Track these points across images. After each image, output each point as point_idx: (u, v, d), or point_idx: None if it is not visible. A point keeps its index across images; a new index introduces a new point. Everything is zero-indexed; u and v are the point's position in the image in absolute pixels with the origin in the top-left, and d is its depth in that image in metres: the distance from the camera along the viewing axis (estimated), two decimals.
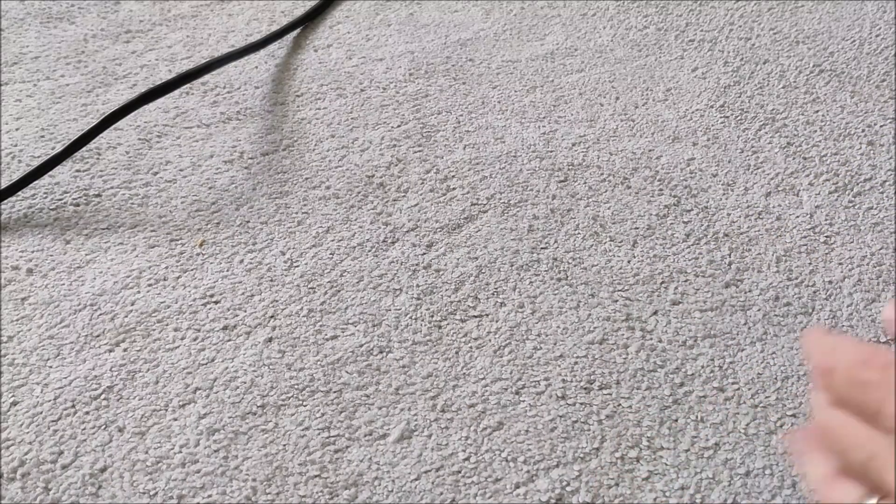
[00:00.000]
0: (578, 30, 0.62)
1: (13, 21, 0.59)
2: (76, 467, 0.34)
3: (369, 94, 0.55)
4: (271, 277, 0.42)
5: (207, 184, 0.48)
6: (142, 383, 0.37)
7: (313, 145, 0.51)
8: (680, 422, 0.37)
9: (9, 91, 0.53)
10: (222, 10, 0.62)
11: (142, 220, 0.45)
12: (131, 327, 0.40)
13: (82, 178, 0.48)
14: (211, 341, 0.39)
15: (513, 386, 0.38)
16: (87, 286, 0.42)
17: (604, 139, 0.52)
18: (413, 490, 0.34)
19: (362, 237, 0.45)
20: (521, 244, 0.45)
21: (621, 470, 0.35)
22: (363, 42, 0.60)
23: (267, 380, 0.38)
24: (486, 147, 0.51)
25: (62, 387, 0.37)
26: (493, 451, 0.36)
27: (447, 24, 0.62)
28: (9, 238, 0.44)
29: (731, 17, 0.63)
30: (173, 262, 0.43)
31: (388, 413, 0.37)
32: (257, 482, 0.34)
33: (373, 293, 0.42)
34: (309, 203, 0.47)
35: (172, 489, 0.34)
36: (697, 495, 0.34)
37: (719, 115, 0.54)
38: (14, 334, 0.39)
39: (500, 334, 0.40)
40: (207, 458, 0.35)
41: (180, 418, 0.36)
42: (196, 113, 0.53)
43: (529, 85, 0.56)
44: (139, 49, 0.58)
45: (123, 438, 0.35)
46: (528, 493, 0.34)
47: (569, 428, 0.36)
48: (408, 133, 0.52)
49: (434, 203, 0.47)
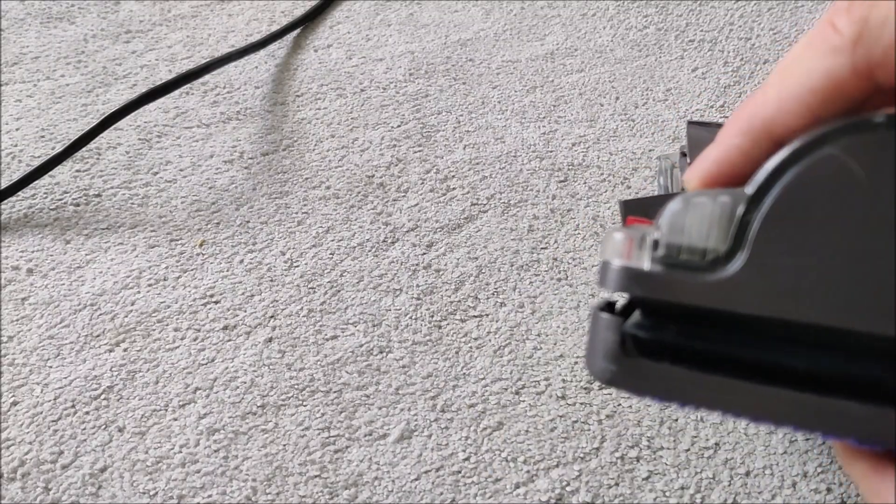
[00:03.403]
0: (578, 30, 0.62)
1: (13, 21, 0.59)
2: (76, 467, 0.34)
3: (369, 94, 0.55)
4: (271, 277, 0.42)
5: (207, 184, 0.48)
6: (142, 383, 0.37)
7: (313, 145, 0.51)
8: (680, 422, 0.37)
9: (9, 91, 0.53)
10: (222, 10, 0.62)
11: (142, 220, 0.45)
12: (131, 327, 0.40)
13: (82, 178, 0.48)
14: (211, 341, 0.39)
15: (513, 386, 0.38)
16: (87, 286, 0.42)
17: (604, 139, 0.52)
18: (413, 490, 0.34)
19: (362, 237, 0.45)
20: (521, 244, 0.45)
21: (621, 470, 0.35)
22: (363, 42, 0.60)
23: (267, 380, 0.38)
24: (486, 147, 0.51)
25: (62, 387, 0.37)
26: (493, 451, 0.36)
27: (447, 24, 0.62)
28: (9, 238, 0.44)
29: (731, 17, 0.63)
30: (173, 262, 0.43)
31: (388, 413, 0.37)
32: (257, 482, 0.34)
33: (373, 293, 0.42)
34: (309, 203, 0.47)
35: (172, 489, 0.34)
36: (697, 495, 0.34)
37: (719, 115, 0.54)
38: (14, 334, 0.39)
39: (500, 334, 0.40)
40: (207, 458, 0.35)
41: (180, 418, 0.36)
42: (196, 113, 0.53)
43: (529, 85, 0.56)
44: (139, 49, 0.58)
45: (123, 438, 0.35)
46: (528, 493, 0.34)
47: (569, 428, 0.36)
48: (408, 133, 0.52)
49: (434, 203, 0.47)
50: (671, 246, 0.18)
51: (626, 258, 0.19)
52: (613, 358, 0.19)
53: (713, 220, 0.18)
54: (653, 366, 0.19)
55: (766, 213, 0.18)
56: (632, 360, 0.19)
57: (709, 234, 0.18)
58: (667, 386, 0.18)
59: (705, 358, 0.18)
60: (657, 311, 0.19)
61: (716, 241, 0.18)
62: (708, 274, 0.18)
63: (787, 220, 0.17)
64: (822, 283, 0.17)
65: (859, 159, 0.17)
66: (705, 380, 0.18)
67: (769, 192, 0.18)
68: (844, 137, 0.17)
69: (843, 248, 0.17)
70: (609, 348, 0.19)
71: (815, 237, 0.17)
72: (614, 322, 0.19)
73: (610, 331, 0.19)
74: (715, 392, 0.18)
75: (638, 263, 0.19)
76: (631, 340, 0.19)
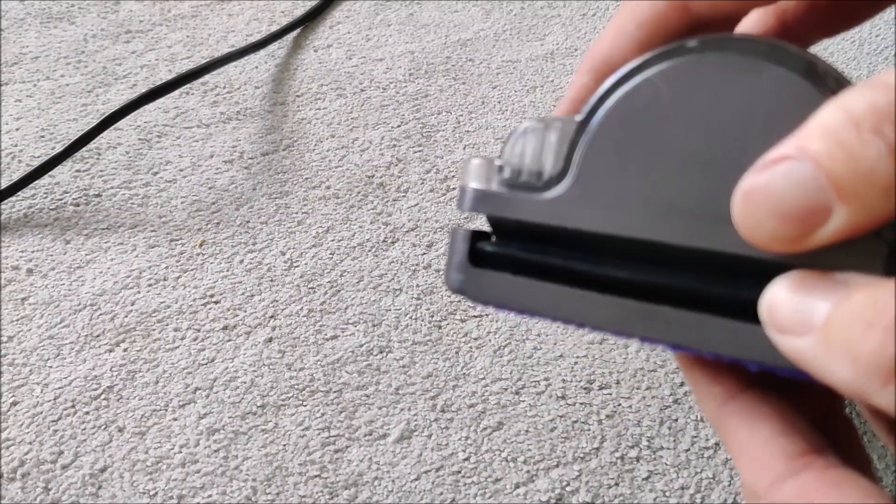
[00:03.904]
0: (578, 30, 0.62)
1: (13, 21, 0.59)
2: (76, 467, 0.34)
3: (369, 94, 0.55)
4: (271, 277, 0.42)
5: (207, 184, 0.48)
6: (142, 383, 0.37)
7: (313, 145, 0.51)
8: (680, 422, 0.37)
9: (9, 91, 0.53)
10: (222, 10, 0.62)
11: (142, 220, 0.45)
12: (131, 327, 0.40)
13: (82, 178, 0.48)
14: (211, 341, 0.39)
15: (513, 386, 0.38)
16: (87, 286, 0.42)
17: None
18: (413, 490, 0.34)
19: (362, 237, 0.45)
20: None
21: (621, 470, 0.35)
22: (363, 42, 0.60)
23: (267, 380, 0.38)
24: (486, 147, 0.51)
25: (62, 387, 0.37)
26: (493, 451, 0.36)
27: (447, 24, 0.62)
28: (9, 238, 0.44)
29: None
30: (173, 262, 0.43)
31: (388, 413, 0.37)
32: (257, 482, 0.34)
33: (373, 293, 0.42)
34: (309, 203, 0.47)
35: (172, 489, 0.34)
36: (697, 495, 0.34)
37: None
38: (14, 334, 0.39)
39: (500, 334, 0.40)
40: (207, 458, 0.35)
41: (180, 418, 0.36)
42: (196, 113, 0.53)
43: (529, 85, 0.56)
44: (139, 49, 0.58)
45: (123, 438, 0.35)
46: (528, 493, 0.34)
47: (569, 428, 0.36)
48: (408, 133, 0.52)
49: (434, 203, 0.47)
50: (513, 169, 0.21)
51: (479, 182, 0.21)
52: (462, 268, 0.21)
53: (546, 144, 0.20)
54: (496, 275, 0.21)
55: (591, 136, 0.19)
56: (477, 270, 0.21)
57: (543, 157, 0.20)
58: (506, 294, 0.21)
59: (544, 269, 0.20)
60: (507, 232, 0.21)
61: (550, 163, 0.20)
62: (543, 193, 0.20)
63: (609, 142, 0.19)
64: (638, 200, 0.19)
65: (671, 82, 0.19)
66: (542, 287, 0.20)
67: (594, 117, 0.19)
68: (660, 63, 0.19)
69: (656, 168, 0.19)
70: (459, 260, 0.21)
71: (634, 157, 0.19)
72: (467, 235, 0.21)
73: (462, 243, 0.21)
74: (549, 299, 0.20)
75: (487, 186, 0.21)
76: (480, 255, 0.21)
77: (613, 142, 0.19)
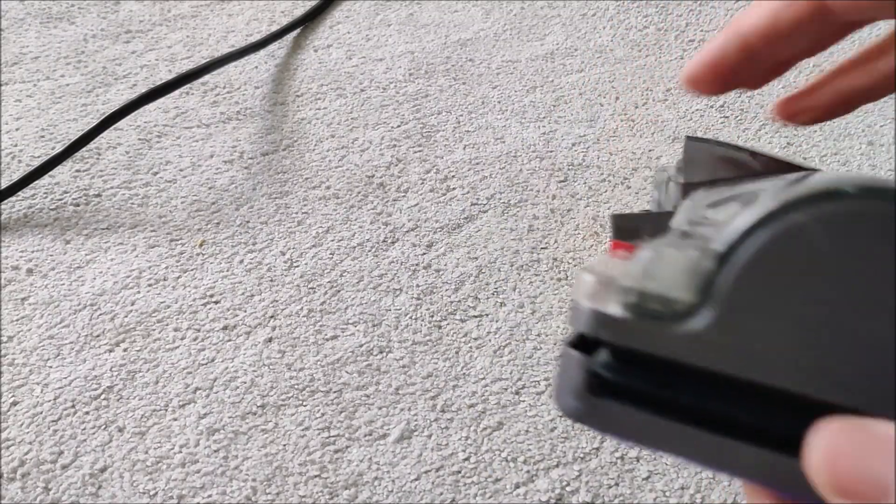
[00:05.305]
0: (578, 30, 0.62)
1: (13, 21, 0.59)
2: (76, 467, 0.34)
3: (369, 94, 0.55)
4: (271, 277, 0.42)
5: (207, 184, 0.48)
6: (142, 383, 0.37)
7: (313, 145, 0.51)
8: None
9: (9, 91, 0.53)
10: (222, 10, 0.62)
11: (142, 220, 0.45)
12: (131, 327, 0.40)
13: (82, 178, 0.48)
14: (211, 341, 0.39)
15: (513, 386, 0.38)
16: (87, 286, 0.42)
17: (604, 139, 0.52)
18: (413, 490, 0.34)
19: (362, 237, 0.45)
20: (521, 244, 0.45)
21: (621, 470, 0.35)
22: (363, 42, 0.60)
23: (267, 380, 0.38)
24: (486, 147, 0.51)
25: (62, 387, 0.37)
26: (493, 451, 0.36)
27: (447, 24, 0.62)
28: (9, 238, 0.44)
29: (730, 17, 0.63)
30: (173, 262, 0.43)
31: (388, 413, 0.37)
32: (257, 482, 0.34)
33: (373, 293, 0.42)
34: (309, 203, 0.47)
35: (172, 489, 0.34)
36: (697, 495, 0.34)
37: (719, 115, 0.54)
38: (14, 334, 0.39)
39: (500, 334, 0.40)
40: (207, 458, 0.35)
41: (180, 418, 0.36)
42: (196, 113, 0.53)
43: (529, 85, 0.56)
44: (139, 49, 0.58)
45: (123, 438, 0.35)
46: (528, 493, 0.34)
47: (569, 428, 0.36)
48: (408, 133, 0.52)
49: (434, 203, 0.47)
50: (639, 293, 0.19)
51: (595, 301, 0.19)
52: (580, 396, 0.20)
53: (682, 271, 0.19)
54: (616, 407, 0.19)
55: (738, 273, 0.18)
56: (596, 399, 0.19)
57: (676, 285, 0.19)
58: (628, 428, 0.19)
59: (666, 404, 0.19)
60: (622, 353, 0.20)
61: (683, 292, 0.19)
62: (674, 325, 0.18)
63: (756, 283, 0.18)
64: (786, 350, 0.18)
65: (826, 229, 0.17)
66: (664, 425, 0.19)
67: (737, 253, 0.18)
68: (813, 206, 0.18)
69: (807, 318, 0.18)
70: (576, 386, 0.20)
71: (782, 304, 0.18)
72: (582, 361, 0.20)
73: (578, 369, 0.20)
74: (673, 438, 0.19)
75: (606, 307, 0.19)
76: (597, 379, 0.20)
77: (761, 283, 0.18)
